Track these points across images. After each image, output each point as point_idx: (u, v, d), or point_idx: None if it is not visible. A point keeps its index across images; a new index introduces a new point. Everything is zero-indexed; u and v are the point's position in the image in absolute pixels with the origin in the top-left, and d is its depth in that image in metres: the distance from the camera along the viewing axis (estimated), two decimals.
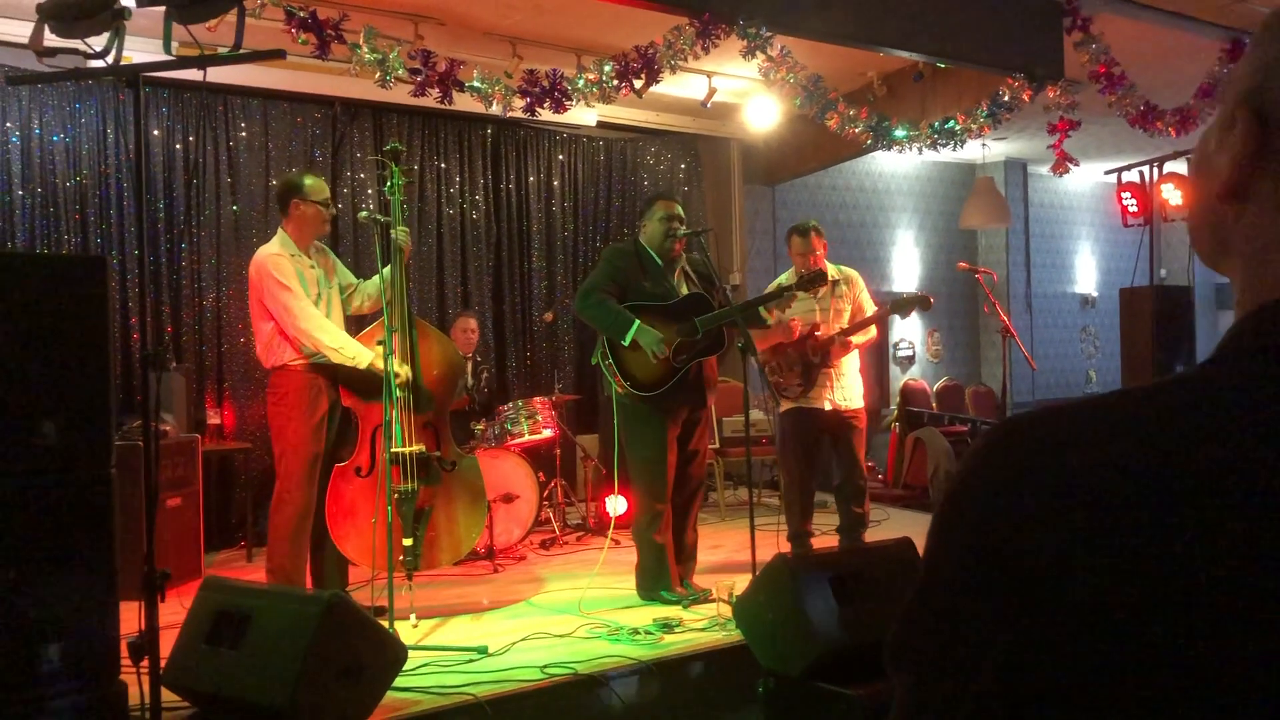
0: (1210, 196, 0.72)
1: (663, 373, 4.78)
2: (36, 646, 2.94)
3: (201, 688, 3.29)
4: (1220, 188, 0.71)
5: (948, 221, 10.83)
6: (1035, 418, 0.67)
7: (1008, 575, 0.62)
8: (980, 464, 0.68)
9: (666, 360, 4.75)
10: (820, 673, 3.46)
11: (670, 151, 8.79)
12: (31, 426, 2.98)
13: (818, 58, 6.24)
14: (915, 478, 8.85)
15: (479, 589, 5.40)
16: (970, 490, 0.68)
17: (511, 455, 6.18)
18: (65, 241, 6.35)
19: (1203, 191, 0.74)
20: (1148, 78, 6.95)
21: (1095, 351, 12.05)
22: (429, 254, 7.67)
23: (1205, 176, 0.73)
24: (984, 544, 0.64)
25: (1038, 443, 0.65)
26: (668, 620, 4.46)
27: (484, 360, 7.24)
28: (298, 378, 4.55)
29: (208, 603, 3.43)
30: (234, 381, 6.89)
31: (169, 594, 3.01)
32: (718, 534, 6.49)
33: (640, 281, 4.88)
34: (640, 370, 4.79)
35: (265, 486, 6.48)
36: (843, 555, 4.08)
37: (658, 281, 4.90)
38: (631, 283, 4.86)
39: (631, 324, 4.72)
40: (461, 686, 3.66)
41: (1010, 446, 0.67)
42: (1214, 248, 0.74)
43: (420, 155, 7.65)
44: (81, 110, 6.46)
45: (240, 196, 6.99)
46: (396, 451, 4.49)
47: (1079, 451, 0.63)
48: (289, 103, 7.12)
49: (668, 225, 4.90)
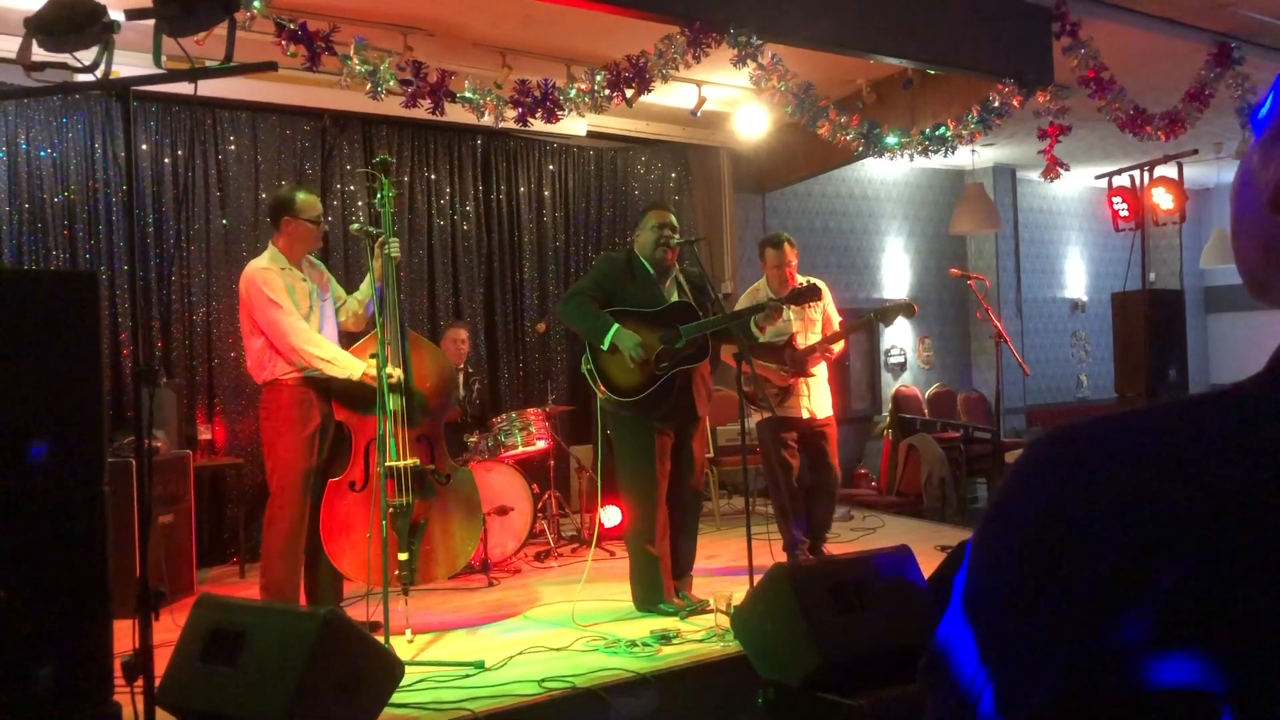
0: (1260, 209, 0.71)
1: (643, 379, 4.76)
2: (29, 667, 2.90)
3: (197, 706, 3.25)
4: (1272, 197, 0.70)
5: (937, 228, 10.85)
6: (1084, 426, 0.65)
7: (1065, 589, 0.60)
8: (1030, 475, 0.66)
9: (647, 365, 4.74)
10: (820, 682, 3.44)
11: (660, 161, 8.78)
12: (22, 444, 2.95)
13: (807, 65, 6.24)
14: (909, 485, 8.84)
15: (474, 601, 5.36)
16: (1021, 503, 0.65)
17: (505, 467, 6.15)
18: (53, 257, 6.31)
19: (1249, 207, 0.72)
20: (1136, 82, 6.98)
21: (1086, 356, 12.08)
22: (420, 265, 7.65)
23: (1252, 191, 0.72)
24: (1039, 557, 0.62)
25: (1090, 452, 0.63)
26: (665, 632, 4.43)
27: (476, 371, 7.22)
28: (289, 392, 4.52)
29: (202, 620, 3.40)
30: (225, 397, 6.85)
31: (162, 612, 2.98)
32: (714, 543, 6.46)
33: (628, 288, 4.88)
34: (620, 376, 4.78)
35: (257, 502, 6.44)
36: (842, 564, 4.05)
37: (647, 289, 4.90)
38: (619, 290, 4.87)
39: (610, 327, 4.71)
40: (459, 702, 3.63)
41: (1061, 457, 0.64)
42: (1264, 261, 0.72)
43: (410, 167, 7.63)
44: (69, 125, 6.42)
45: (230, 210, 6.95)
46: (391, 465, 4.46)
47: (1135, 461, 0.61)
48: (278, 115, 7.09)
49: (659, 234, 4.91)
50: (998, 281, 10.81)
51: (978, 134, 6.84)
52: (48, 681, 2.92)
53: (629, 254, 5.05)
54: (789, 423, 5.51)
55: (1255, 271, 0.73)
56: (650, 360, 4.76)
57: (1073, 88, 6.82)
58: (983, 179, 10.59)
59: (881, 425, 10.00)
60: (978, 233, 10.49)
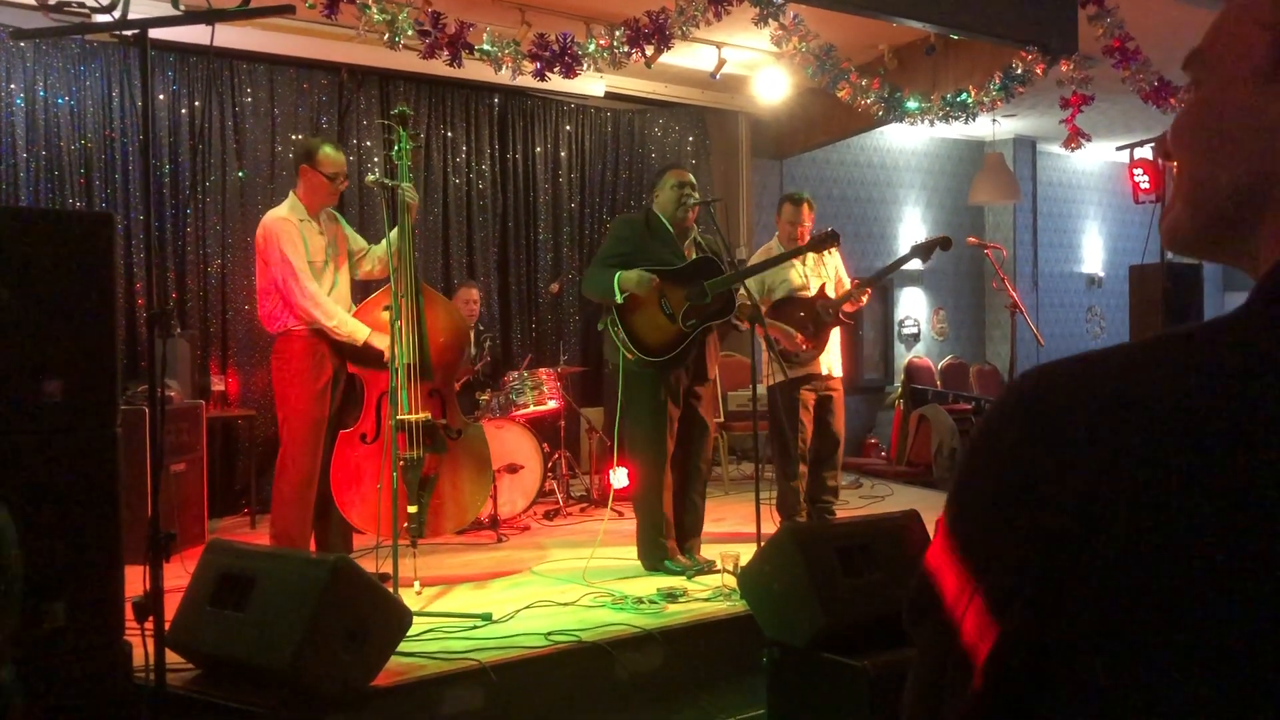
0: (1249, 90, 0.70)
1: (673, 336, 4.75)
2: (41, 604, 2.93)
3: (205, 649, 3.29)
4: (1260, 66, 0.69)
5: (955, 199, 10.77)
6: (1059, 364, 0.67)
7: (1033, 520, 0.62)
8: (1004, 411, 0.68)
9: (674, 323, 4.73)
10: (825, 643, 3.44)
11: (678, 124, 8.72)
12: (37, 384, 2.96)
13: (828, 28, 6.17)
14: (919, 455, 8.85)
15: (483, 557, 5.39)
16: (993, 438, 0.68)
17: (516, 426, 6.16)
18: (70, 205, 6.32)
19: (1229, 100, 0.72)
20: (1161, 53, 6.87)
21: (1101, 331, 12.01)
22: (435, 224, 7.63)
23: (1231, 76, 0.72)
24: (1008, 490, 0.65)
25: (1059, 388, 0.66)
26: (672, 590, 4.45)
27: (488, 330, 7.22)
28: (301, 343, 4.53)
29: (212, 565, 3.42)
30: (238, 348, 6.87)
31: (173, 558, 3.00)
32: (722, 507, 6.48)
33: (649, 247, 4.85)
34: (650, 335, 4.76)
35: (269, 453, 6.47)
36: (849, 527, 4.05)
37: (668, 247, 4.88)
38: (639, 249, 4.84)
39: (614, 278, 4.68)
40: (466, 652, 3.66)
41: (1032, 392, 0.67)
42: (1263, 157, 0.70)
43: (427, 124, 7.59)
44: (86, 73, 6.41)
45: (246, 162, 6.95)
46: (402, 419, 4.47)
47: (1101, 394, 0.63)
48: (295, 68, 7.07)
49: (680, 193, 4.88)
50: (1014, 255, 10.74)
51: (999, 101, 6.77)
52: (59, 619, 2.95)
53: (648, 214, 5.03)
54: (804, 381, 5.42)
55: (1242, 190, 0.71)
56: (677, 316, 4.75)
57: (1096, 58, 6.73)
58: (1003, 150, 10.50)
59: (893, 395, 9.98)
60: (997, 203, 10.41)
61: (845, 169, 10.07)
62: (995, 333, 11.11)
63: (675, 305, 4.76)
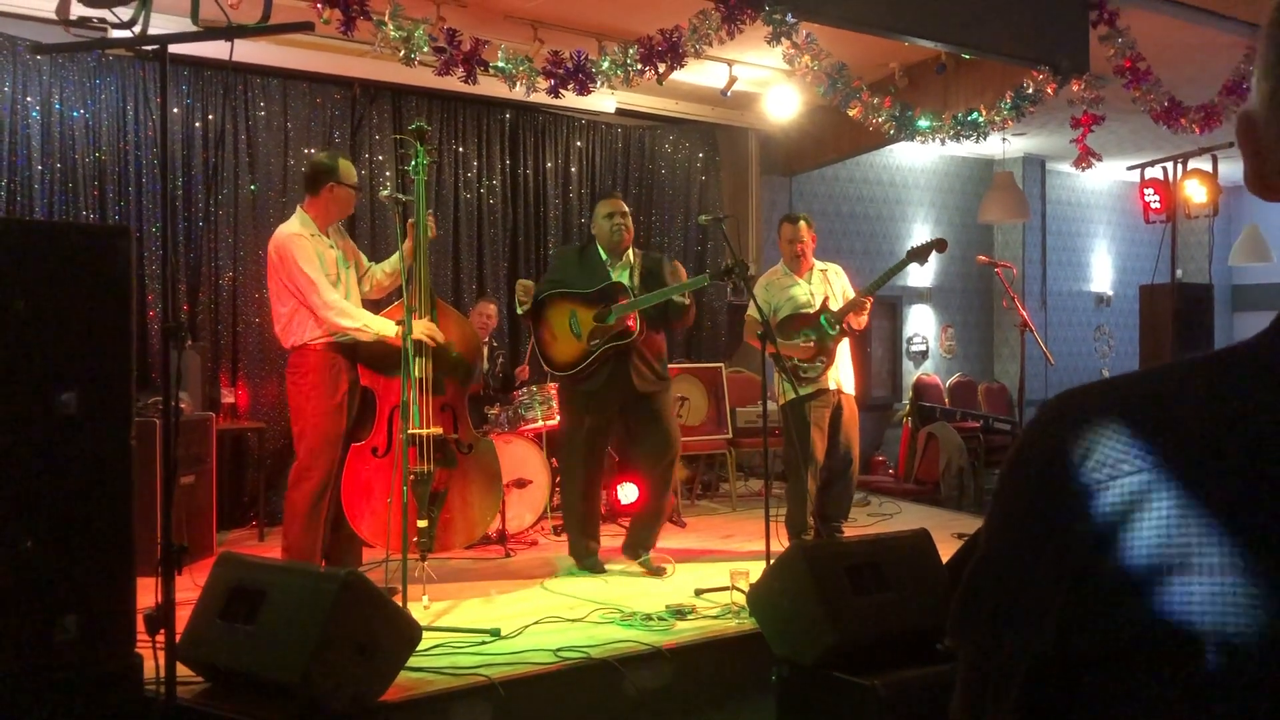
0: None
1: (576, 355, 5.10)
2: (53, 616, 2.94)
3: (216, 662, 3.29)
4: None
5: (964, 217, 10.78)
6: (1088, 389, 0.70)
7: (1061, 540, 0.65)
8: (1035, 435, 0.71)
9: (580, 342, 5.08)
10: (834, 662, 3.44)
11: (688, 140, 8.75)
12: (52, 396, 2.97)
13: (839, 47, 6.19)
14: (927, 473, 8.82)
15: (491, 572, 5.39)
16: (1026, 460, 0.71)
17: (525, 440, 6.17)
18: (84, 217, 6.33)
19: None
20: (1172, 73, 6.90)
21: (1109, 351, 11.99)
22: (445, 238, 7.64)
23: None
24: (1040, 511, 0.68)
25: (1088, 412, 0.68)
26: (681, 607, 4.44)
27: (499, 345, 7.23)
28: (316, 356, 4.54)
29: (223, 578, 3.43)
30: (249, 361, 6.88)
31: (184, 570, 3.00)
32: (729, 524, 6.47)
33: (571, 272, 5.25)
34: (557, 351, 5.18)
35: (278, 466, 6.49)
36: (859, 545, 4.05)
37: (589, 272, 5.21)
38: (565, 275, 5.27)
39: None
40: (474, 668, 3.65)
41: (1062, 417, 0.69)
42: None
43: (439, 139, 7.62)
44: (101, 86, 6.45)
45: (259, 176, 6.98)
46: (414, 433, 4.47)
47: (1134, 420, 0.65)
48: (309, 83, 7.10)
49: (610, 222, 5.24)
50: (1023, 273, 10.73)
51: (1010, 121, 6.78)
52: (72, 630, 2.96)
53: (587, 242, 5.43)
54: (813, 397, 5.42)
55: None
56: (584, 335, 5.07)
57: (1108, 77, 6.74)
58: (1012, 169, 10.50)
59: (901, 413, 9.96)
60: (1006, 222, 10.40)
61: (855, 186, 10.08)
62: (1004, 350, 11.09)
63: (584, 325, 5.09)
